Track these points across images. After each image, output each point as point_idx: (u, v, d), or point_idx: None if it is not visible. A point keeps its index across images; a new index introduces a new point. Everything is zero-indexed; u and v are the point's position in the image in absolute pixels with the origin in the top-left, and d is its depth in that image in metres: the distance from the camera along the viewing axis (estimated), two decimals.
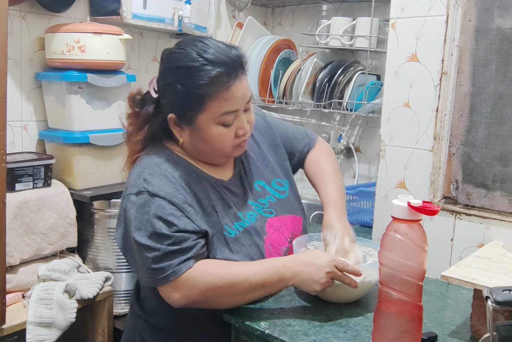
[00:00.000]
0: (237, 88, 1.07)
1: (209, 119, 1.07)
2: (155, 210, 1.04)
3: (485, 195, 1.41)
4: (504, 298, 0.82)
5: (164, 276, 1.03)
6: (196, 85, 1.04)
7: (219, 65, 1.05)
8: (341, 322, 1.06)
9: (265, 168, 1.27)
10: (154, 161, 1.11)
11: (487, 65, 1.38)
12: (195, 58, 1.05)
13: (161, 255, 1.03)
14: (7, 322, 1.50)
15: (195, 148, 1.14)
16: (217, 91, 1.05)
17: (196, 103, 1.06)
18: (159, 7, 1.99)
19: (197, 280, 1.04)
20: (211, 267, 1.06)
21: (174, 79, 1.07)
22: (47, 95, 1.87)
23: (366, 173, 2.32)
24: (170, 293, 1.05)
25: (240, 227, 1.15)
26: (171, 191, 1.06)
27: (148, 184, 1.07)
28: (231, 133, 1.10)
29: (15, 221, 1.61)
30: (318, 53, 2.29)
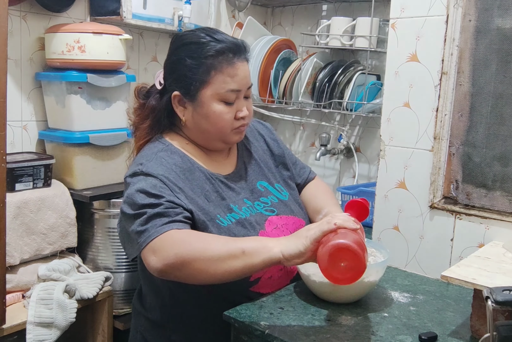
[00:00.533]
0: (241, 67, 1.16)
1: (212, 94, 1.14)
2: (146, 186, 1.08)
3: (485, 195, 1.41)
4: (504, 298, 0.82)
5: (146, 236, 1.02)
6: (204, 56, 1.13)
7: (225, 42, 1.15)
8: (341, 322, 1.06)
9: (268, 171, 1.31)
10: (152, 151, 1.18)
11: (487, 65, 1.38)
12: (204, 36, 1.16)
13: (147, 218, 1.04)
14: (7, 322, 1.50)
15: (197, 127, 1.19)
16: (222, 65, 1.14)
17: (202, 75, 1.14)
18: (159, 7, 1.99)
19: (175, 240, 1.00)
20: (194, 232, 1.06)
21: (184, 53, 1.16)
22: (47, 95, 1.87)
23: (366, 173, 2.32)
24: (149, 256, 1.01)
25: (233, 218, 1.16)
26: (164, 172, 1.11)
27: (143, 166, 1.12)
28: (231, 112, 1.17)
29: (15, 221, 1.61)
30: (318, 53, 2.29)
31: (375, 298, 1.17)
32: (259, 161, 1.31)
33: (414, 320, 1.08)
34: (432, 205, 1.47)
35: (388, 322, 1.06)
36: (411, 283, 1.28)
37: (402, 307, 1.14)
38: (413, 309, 1.13)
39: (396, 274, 1.33)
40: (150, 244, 1.01)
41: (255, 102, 2.40)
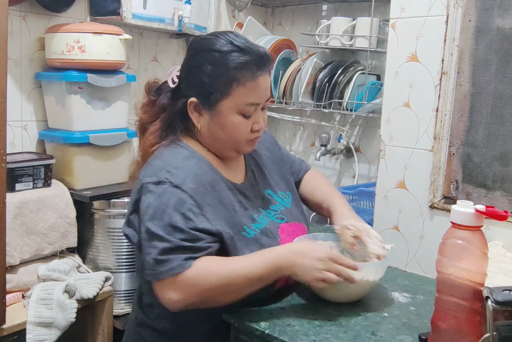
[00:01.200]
0: (263, 81, 1.12)
1: (232, 106, 1.10)
2: (175, 203, 1.02)
3: (485, 195, 1.41)
4: (504, 298, 0.82)
5: (168, 269, 0.99)
6: (227, 67, 1.08)
7: (249, 53, 1.10)
8: (341, 322, 1.06)
9: (271, 180, 1.29)
10: (178, 156, 1.11)
11: (487, 65, 1.38)
12: (226, 44, 1.10)
13: (171, 248, 1.00)
14: (7, 322, 1.50)
15: (212, 135, 1.15)
16: (245, 78, 1.09)
17: (224, 87, 1.09)
18: (159, 7, 1.99)
19: (197, 280, 1.00)
20: (210, 265, 1.03)
21: (205, 59, 1.11)
22: (47, 95, 1.87)
23: (366, 173, 2.32)
24: (168, 292, 1.01)
25: (258, 228, 1.15)
26: (194, 187, 1.06)
27: (171, 176, 1.05)
28: (248, 124, 1.13)
29: (15, 221, 1.60)
30: (318, 53, 2.29)
31: (375, 298, 1.17)
32: (264, 169, 1.29)
33: (414, 320, 1.08)
34: (432, 205, 1.47)
35: (388, 322, 1.06)
36: (411, 283, 1.27)
37: (402, 307, 1.14)
38: (413, 309, 1.13)
39: (396, 274, 1.33)
40: (169, 279, 1.00)
41: None
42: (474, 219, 0.88)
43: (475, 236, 0.88)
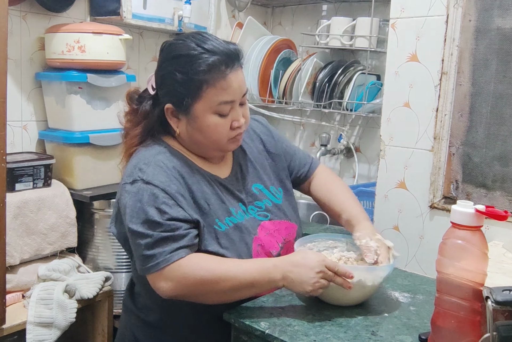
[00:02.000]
0: (234, 78, 1.10)
1: (206, 108, 1.10)
2: (148, 198, 1.06)
3: (485, 195, 1.41)
4: (504, 298, 0.82)
5: (155, 263, 1.04)
6: (195, 71, 1.08)
7: (217, 54, 1.09)
8: (341, 322, 1.06)
9: (264, 173, 1.28)
10: (150, 153, 1.14)
11: (487, 65, 1.38)
12: (194, 47, 1.10)
13: (153, 242, 1.04)
14: (7, 322, 1.50)
15: (191, 139, 1.16)
16: (214, 79, 1.08)
17: (194, 90, 1.09)
18: (159, 7, 1.99)
19: (187, 273, 1.04)
20: (203, 261, 1.07)
21: (174, 67, 1.11)
22: (47, 95, 1.87)
23: (366, 173, 2.32)
24: (159, 282, 1.05)
25: (231, 222, 1.16)
26: (165, 180, 1.08)
27: (142, 173, 1.09)
28: (226, 124, 1.12)
29: (15, 221, 1.60)
30: (318, 53, 2.29)
31: (375, 298, 1.17)
32: (255, 163, 1.28)
33: (414, 320, 1.08)
34: (432, 205, 1.47)
35: (388, 322, 1.06)
36: (411, 283, 1.27)
37: (402, 307, 1.14)
38: (413, 309, 1.13)
39: (396, 274, 1.33)
40: (159, 271, 1.04)
41: (255, 102, 2.40)
42: (474, 219, 0.88)
43: (475, 236, 0.88)
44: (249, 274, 1.05)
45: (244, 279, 1.05)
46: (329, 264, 1.06)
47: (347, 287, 1.07)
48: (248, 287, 1.06)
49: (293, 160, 1.36)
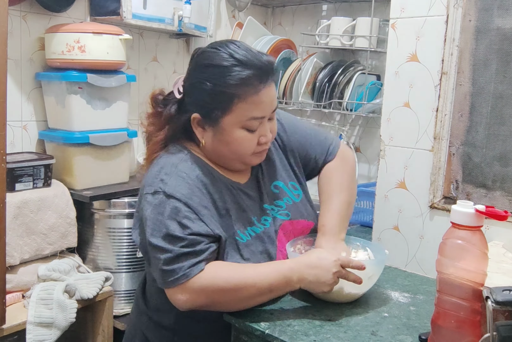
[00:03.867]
0: (266, 93, 1.07)
1: (235, 122, 1.07)
2: (170, 212, 1.03)
3: (485, 195, 1.41)
4: (504, 298, 0.82)
5: (174, 278, 1.02)
6: (227, 84, 1.04)
7: (250, 67, 1.05)
8: (341, 322, 1.06)
9: (282, 169, 1.26)
10: (171, 161, 1.11)
11: (487, 65, 1.38)
12: (226, 58, 1.05)
13: (173, 257, 1.02)
14: (7, 322, 1.50)
15: (216, 151, 1.13)
16: (246, 94, 1.05)
17: (224, 103, 1.06)
18: (159, 7, 1.99)
19: (205, 284, 1.02)
20: (219, 270, 1.05)
21: (205, 77, 1.07)
22: (47, 95, 1.87)
23: (366, 173, 2.32)
24: (177, 295, 1.04)
25: (253, 232, 1.14)
26: (187, 192, 1.06)
27: (164, 185, 1.06)
28: (254, 139, 1.10)
29: (15, 221, 1.60)
30: (318, 53, 2.29)
31: (375, 298, 1.17)
32: (273, 160, 1.25)
33: (414, 320, 1.08)
34: (432, 205, 1.47)
35: (388, 322, 1.06)
36: (411, 283, 1.27)
37: (402, 307, 1.14)
38: (413, 309, 1.13)
39: (396, 274, 1.32)
40: (178, 286, 1.03)
41: None
42: (474, 219, 0.88)
43: (475, 236, 0.88)
44: (266, 280, 1.04)
45: (262, 285, 1.03)
46: (343, 262, 1.06)
47: (359, 282, 1.07)
48: (267, 293, 1.05)
49: (309, 153, 1.29)
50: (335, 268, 1.04)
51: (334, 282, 1.05)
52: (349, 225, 1.98)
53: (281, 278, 1.04)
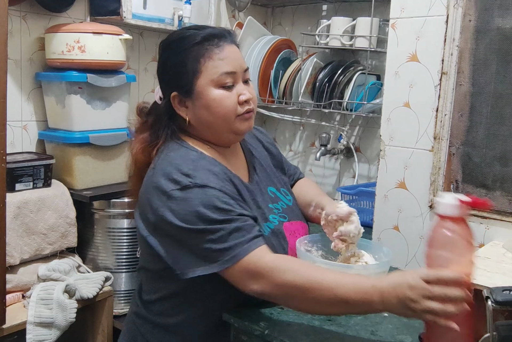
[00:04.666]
0: (230, 50, 1.11)
1: (207, 81, 1.09)
2: (208, 200, 1.01)
3: (485, 195, 1.41)
4: (504, 298, 0.82)
5: (233, 255, 0.98)
6: (189, 46, 1.10)
7: (208, 29, 1.12)
8: (340, 322, 1.06)
9: (273, 176, 1.29)
10: (188, 158, 1.09)
11: (487, 65, 1.38)
12: (185, 31, 1.14)
13: (227, 233, 0.99)
14: (7, 322, 1.50)
15: (201, 122, 1.13)
16: (209, 50, 1.09)
17: (192, 66, 1.10)
18: (159, 7, 1.99)
19: (274, 271, 0.96)
20: (294, 263, 1.00)
21: (169, 53, 1.14)
22: (47, 95, 1.87)
23: (366, 173, 2.32)
24: (245, 280, 0.98)
25: (269, 228, 1.15)
26: (218, 182, 1.05)
27: (193, 178, 1.03)
28: (232, 96, 1.10)
29: (15, 221, 1.61)
30: (318, 53, 2.29)
31: None
32: (265, 166, 1.28)
33: (414, 320, 1.08)
34: (432, 205, 1.47)
35: (388, 322, 1.06)
36: None
37: None
38: None
39: None
40: (240, 263, 0.98)
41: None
42: (457, 210, 0.88)
43: (459, 226, 0.88)
44: (343, 289, 0.93)
45: (339, 293, 0.93)
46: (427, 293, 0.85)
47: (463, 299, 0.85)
48: (341, 304, 0.94)
49: (289, 170, 1.42)
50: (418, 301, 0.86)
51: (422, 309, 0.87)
52: None
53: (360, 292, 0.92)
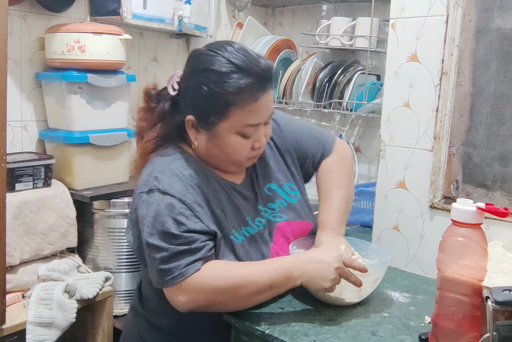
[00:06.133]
0: (264, 101, 1.06)
1: (230, 128, 1.06)
2: (164, 209, 1.03)
3: (485, 195, 1.41)
4: (504, 298, 0.82)
5: (171, 277, 1.01)
6: (225, 91, 1.03)
7: (249, 74, 1.03)
8: (341, 322, 1.06)
9: (278, 171, 1.25)
10: (165, 160, 1.11)
11: (487, 65, 1.38)
12: (225, 63, 1.03)
13: (169, 256, 1.01)
14: (7, 322, 1.50)
15: (209, 153, 1.13)
16: (244, 102, 1.04)
17: (220, 110, 1.05)
18: (159, 7, 1.99)
19: (204, 284, 1.02)
20: (218, 269, 1.04)
21: (202, 81, 1.05)
22: (47, 95, 1.87)
23: (366, 173, 2.32)
24: (176, 296, 1.03)
25: (247, 233, 1.14)
26: (181, 189, 1.05)
27: (158, 182, 1.06)
28: (248, 144, 1.09)
29: (15, 221, 1.60)
30: (318, 53, 2.29)
31: (375, 298, 1.17)
32: (268, 161, 1.24)
33: (414, 320, 1.08)
34: (432, 205, 1.47)
35: (388, 322, 1.06)
36: (411, 283, 1.28)
37: (402, 307, 1.14)
38: (413, 309, 1.13)
39: (396, 274, 1.33)
40: (176, 285, 1.02)
41: None
42: (474, 217, 0.89)
43: (475, 233, 0.89)
44: (266, 276, 1.02)
45: (262, 282, 1.02)
46: (346, 260, 1.04)
47: (359, 284, 1.05)
48: (267, 290, 1.03)
49: (304, 152, 1.29)
50: (337, 263, 1.03)
51: (335, 278, 1.03)
52: (349, 225, 1.98)
53: (282, 274, 1.03)
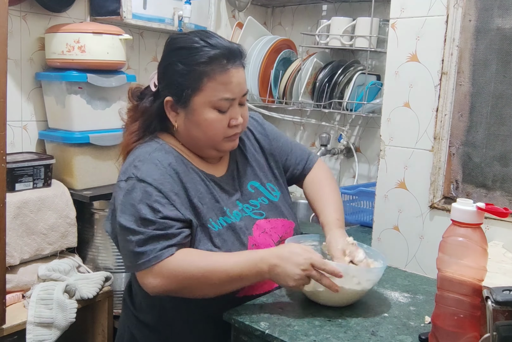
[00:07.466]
0: (235, 73, 1.11)
1: (205, 102, 1.11)
2: (141, 196, 1.06)
3: (485, 195, 1.41)
4: (504, 298, 0.82)
5: (145, 260, 1.04)
6: (196, 62, 1.09)
7: (219, 47, 1.11)
8: (341, 322, 1.06)
9: (259, 170, 1.28)
10: (146, 150, 1.14)
11: (487, 65, 1.38)
12: (197, 40, 1.11)
13: (145, 239, 1.04)
14: (7, 322, 1.50)
15: (189, 134, 1.16)
16: (215, 72, 1.09)
17: (194, 82, 1.10)
18: (159, 7, 1.99)
19: (176, 269, 1.04)
20: (191, 256, 1.07)
21: (176, 58, 1.12)
22: (47, 95, 1.87)
23: (366, 173, 2.32)
24: (147, 278, 1.05)
25: (225, 222, 1.15)
26: (159, 178, 1.09)
27: (137, 170, 1.09)
28: (224, 120, 1.13)
29: (15, 221, 1.61)
30: (318, 53, 2.29)
31: (375, 298, 1.17)
32: (251, 160, 1.28)
33: (414, 320, 1.08)
34: (432, 205, 1.47)
35: (388, 322, 1.06)
36: (411, 283, 1.28)
37: (402, 307, 1.14)
38: (413, 309, 1.13)
39: (396, 274, 1.33)
40: (148, 268, 1.05)
41: (255, 102, 2.40)
42: (474, 217, 0.89)
43: (475, 233, 0.89)
44: (237, 268, 1.05)
45: (232, 272, 1.05)
46: (316, 262, 1.05)
47: (335, 290, 1.05)
48: (237, 280, 1.06)
49: (289, 159, 1.35)
50: (303, 266, 1.04)
51: (300, 279, 1.04)
52: (350, 225, 1.98)
53: (252, 267, 1.05)
